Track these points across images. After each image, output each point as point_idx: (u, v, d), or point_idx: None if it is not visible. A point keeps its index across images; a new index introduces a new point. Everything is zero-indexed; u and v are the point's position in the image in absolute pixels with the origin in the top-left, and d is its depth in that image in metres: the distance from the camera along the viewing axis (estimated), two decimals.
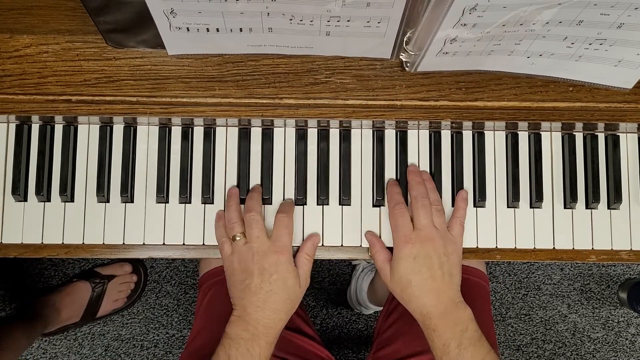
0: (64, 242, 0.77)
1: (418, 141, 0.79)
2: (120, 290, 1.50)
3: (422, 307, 0.71)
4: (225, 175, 0.78)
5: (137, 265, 1.53)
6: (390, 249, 0.75)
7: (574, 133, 0.79)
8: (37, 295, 1.43)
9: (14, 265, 1.54)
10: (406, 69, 0.71)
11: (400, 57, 0.70)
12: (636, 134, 0.80)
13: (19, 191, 0.76)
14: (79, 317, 1.46)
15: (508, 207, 0.79)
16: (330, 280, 1.59)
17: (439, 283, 0.71)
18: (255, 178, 0.78)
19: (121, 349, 1.57)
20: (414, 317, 0.73)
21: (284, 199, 0.78)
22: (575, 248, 0.79)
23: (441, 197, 0.78)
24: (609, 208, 0.79)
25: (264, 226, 0.73)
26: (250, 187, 0.78)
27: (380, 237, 0.77)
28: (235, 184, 0.78)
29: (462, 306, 0.71)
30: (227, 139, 0.79)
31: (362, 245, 0.78)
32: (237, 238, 0.72)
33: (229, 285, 0.74)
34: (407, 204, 0.76)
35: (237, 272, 0.72)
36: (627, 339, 1.62)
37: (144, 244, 0.77)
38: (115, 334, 1.56)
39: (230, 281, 0.73)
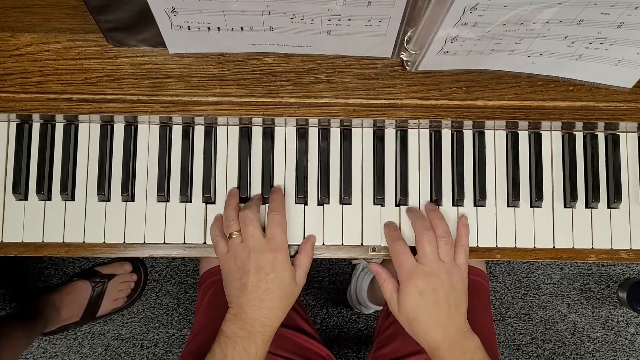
0: (65, 241, 0.77)
1: (418, 140, 0.79)
2: (121, 289, 1.50)
3: (430, 340, 0.71)
4: (226, 174, 0.78)
5: (137, 264, 1.53)
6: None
7: (574, 132, 0.80)
8: (37, 295, 1.43)
9: (14, 264, 1.54)
10: (407, 68, 0.71)
11: (401, 56, 0.70)
12: (636, 134, 0.80)
13: (20, 190, 0.76)
14: (79, 317, 1.46)
15: (508, 206, 0.79)
16: (330, 279, 1.59)
17: (445, 315, 0.71)
18: (256, 177, 0.78)
19: (121, 348, 1.57)
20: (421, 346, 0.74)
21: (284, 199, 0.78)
22: (575, 247, 0.79)
23: (441, 196, 0.78)
24: (608, 207, 0.79)
25: (260, 224, 0.73)
26: (251, 186, 0.78)
27: (380, 238, 0.77)
28: (236, 183, 0.78)
29: (469, 335, 0.72)
30: (228, 137, 0.79)
31: (363, 244, 0.78)
32: (234, 236, 0.72)
33: (224, 283, 0.74)
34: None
35: (233, 270, 0.72)
36: (626, 339, 1.62)
37: (144, 242, 0.77)
38: (115, 333, 1.56)
39: (226, 279, 0.73)
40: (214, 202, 0.78)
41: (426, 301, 0.71)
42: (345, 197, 0.78)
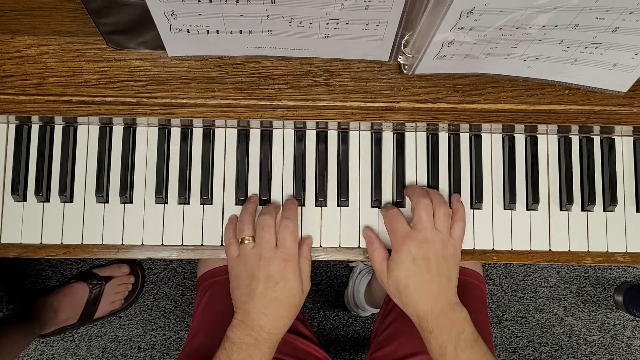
0: (63, 243, 0.77)
1: (415, 143, 0.80)
2: (118, 291, 1.50)
3: (419, 309, 0.71)
4: (224, 176, 0.79)
5: (135, 266, 1.53)
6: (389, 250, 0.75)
7: (570, 136, 0.80)
8: (35, 296, 1.43)
9: (11, 266, 1.54)
10: (404, 71, 0.72)
11: (398, 59, 0.71)
12: (631, 137, 0.81)
13: (18, 191, 0.76)
14: (76, 319, 1.46)
15: (505, 209, 0.80)
16: (327, 282, 1.60)
17: (436, 285, 0.71)
18: (253, 179, 0.79)
19: (118, 351, 1.57)
20: (410, 318, 0.74)
21: (282, 201, 0.79)
22: (571, 250, 0.79)
23: None
24: (604, 210, 0.80)
25: (276, 232, 0.72)
26: (249, 189, 0.78)
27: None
28: (234, 185, 0.78)
29: (458, 308, 0.72)
30: (226, 140, 0.79)
31: (360, 246, 0.78)
32: (246, 241, 0.72)
33: (232, 288, 0.74)
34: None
35: (242, 275, 0.72)
36: (623, 342, 1.63)
37: (142, 244, 0.78)
38: (112, 336, 1.56)
39: (234, 284, 0.73)
40: (211, 204, 0.78)
41: (418, 268, 0.70)
42: (343, 199, 0.78)
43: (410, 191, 0.75)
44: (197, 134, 0.79)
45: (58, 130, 0.78)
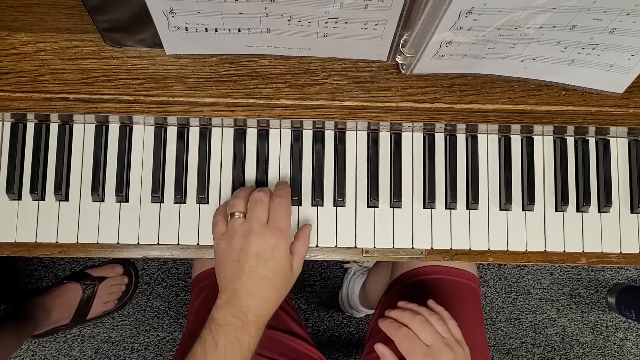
0: (58, 241, 0.77)
1: (412, 143, 0.80)
2: (111, 292, 1.49)
3: None
4: (221, 175, 0.79)
5: (129, 267, 1.52)
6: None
7: (566, 137, 0.81)
8: (27, 297, 1.42)
9: (4, 266, 1.53)
10: (402, 71, 0.72)
11: (397, 59, 0.71)
12: (626, 139, 0.81)
13: (13, 189, 0.76)
14: (69, 319, 1.45)
15: (500, 209, 0.80)
16: (321, 283, 1.59)
17: None
18: (250, 179, 0.79)
19: (111, 352, 1.56)
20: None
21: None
22: (566, 250, 0.80)
23: (434, 199, 0.79)
24: (599, 211, 0.80)
25: (268, 210, 0.70)
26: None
27: (376, 237, 0.78)
28: (231, 184, 0.78)
29: None
30: (222, 139, 0.79)
31: (357, 246, 0.78)
32: (236, 216, 0.69)
33: (217, 266, 0.70)
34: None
35: (229, 250, 0.68)
36: (615, 344, 1.64)
37: (138, 243, 0.77)
38: (105, 336, 1.55)
39: (220, 260, 0.70)
40: (208, 203, 0.78)
41: None
42: (339, 199, 0.78)
43: (393, 328, 0.72)
44: (194, 133, 0.78)
45: (54, 129, 0.77)
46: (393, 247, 0.79)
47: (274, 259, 0.68)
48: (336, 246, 0.78)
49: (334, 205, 0.79)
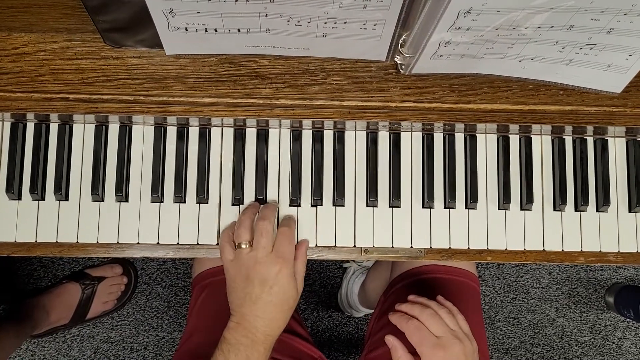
0: (58, 241, 0.77)
1: (411, 143, 0.80)
2: (111, 292, 1.49)
3: None
4: (220, 175, 0.79)
5: (128, 267, 1.52)
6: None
7: (564, 137, 0.81)
8: (27, 297, 1.42)
9: (3, 266, 1.53)
10: (401, 71, 0.72)
11: (395, 59, 0.71)
12: (624, 138, 0.82)
13: (13, 189, 0.76)
14: (68, 319, 1.45)
15: (499, 209, 0.80)
16: (321, 283, 1.60)
17: None
18: (249, 179, 0.79)
19: (110, 351, 1.56)
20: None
21: (278, 200, 0.79)
22: (564, 250, 0.80)
23: (433, 199, 0.79)
24: (597, 211, 0.81)
25: (273, 238, 0.73)
26: (245, 187, 0.78)
27: (375, 237, 0.78)
28: (230, 184, 0.78)
29: None
30: (222, 139, 0.79)
31: (356, 246, 0.79)
32: (243, 246, 0.72)
33: (228, 291, 0.75)
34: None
35: (237, 278, 0.73)
36: (613, 343, 1.64)
37: (138, 243, 0.78)
38: (104, 336, 1.56)
39: (231, 287, 0.74)
40: (207, 203, 0.78)
41: None
42: (339, 199, 0.78)
43: (402, 321, 0.73)
44: (194, 133, 0.79)
45: (54, 129, 0.78)
46: (392, 247, 0.79)
47: (279, 285, 0.71)
48: (335, 245, 0.79)
49: (333, 205, 0.79)
